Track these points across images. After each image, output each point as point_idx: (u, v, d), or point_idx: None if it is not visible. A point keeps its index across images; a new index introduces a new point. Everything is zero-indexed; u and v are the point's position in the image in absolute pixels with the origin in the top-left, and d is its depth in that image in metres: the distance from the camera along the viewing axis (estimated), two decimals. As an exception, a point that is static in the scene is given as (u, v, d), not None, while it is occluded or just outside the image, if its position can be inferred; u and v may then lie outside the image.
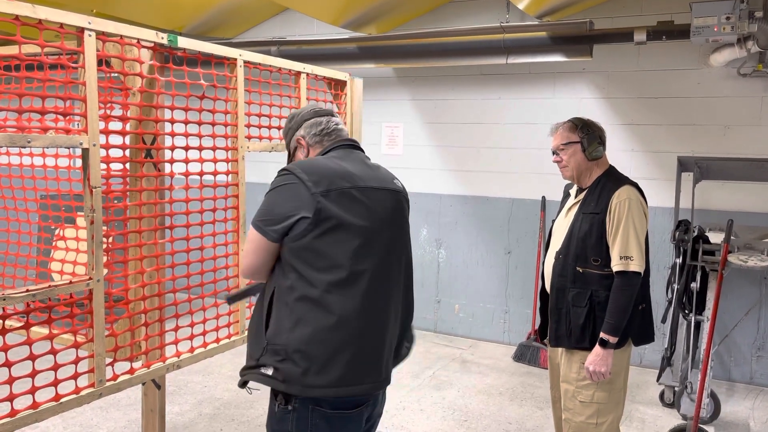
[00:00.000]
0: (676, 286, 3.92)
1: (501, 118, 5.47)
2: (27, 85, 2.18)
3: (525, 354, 5.11)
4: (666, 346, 4.10)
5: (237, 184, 2.82)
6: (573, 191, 2.77)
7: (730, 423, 4.03)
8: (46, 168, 3.23)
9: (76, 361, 2.22)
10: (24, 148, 2.06)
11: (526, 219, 5.41)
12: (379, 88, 5.86)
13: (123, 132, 2.35)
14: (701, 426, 3.49)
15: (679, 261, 3.90)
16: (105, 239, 2.27)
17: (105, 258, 2.26)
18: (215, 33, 6.17)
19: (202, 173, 2.68)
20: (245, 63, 2.81)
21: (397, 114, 5.89)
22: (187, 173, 2.63)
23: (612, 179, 2.62)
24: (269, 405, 1.89)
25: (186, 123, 2.57)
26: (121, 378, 2.34)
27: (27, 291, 2.02)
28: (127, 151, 2.39)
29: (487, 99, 5.51)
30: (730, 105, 4.69)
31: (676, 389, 4.11)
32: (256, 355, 1.82)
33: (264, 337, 1.80)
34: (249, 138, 2.90)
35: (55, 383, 2.13)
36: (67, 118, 2.29)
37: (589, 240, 2.54)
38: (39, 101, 2.08)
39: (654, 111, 4.93)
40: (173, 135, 2.52)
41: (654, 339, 2.72)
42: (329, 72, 3.42)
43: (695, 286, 3.83)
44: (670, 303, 4.00)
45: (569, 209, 2.71)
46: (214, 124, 2.71)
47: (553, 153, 2.70)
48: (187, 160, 2.61)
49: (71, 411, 2.64)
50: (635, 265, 2.47)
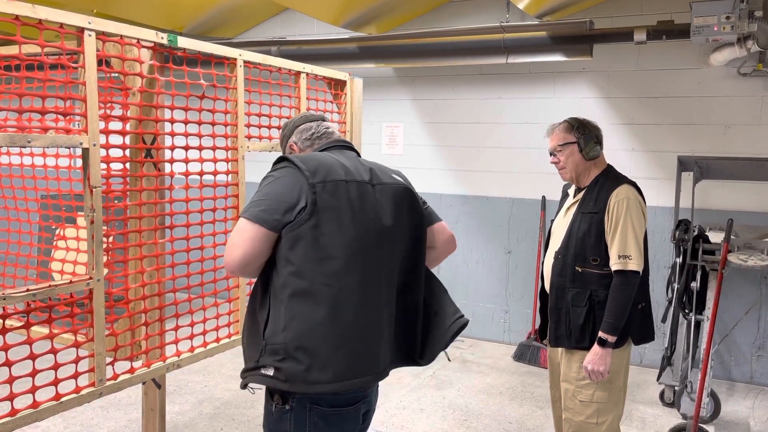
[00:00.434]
0: (676, 285, 3.92)
1: (501, 117, 5.47)
2: (27, 85, 2.18)
3: (525, 353, 5.12)
4: (666, 345, 4.10)
5: (237, 183, 2.83)
6: (571, 191, 2.77)
7: (730, 422, 4.03)
8: (46, 168, 3.24)
9: (76, 361, 2.22)
10: (24, 147, 2.07)
11: (526, 219, 5.41)
12: (379, 87, 5.86)
13: (123, 132, 2.35)
14: (701, 425, 3.49)
15: (679, 260, 3.90)
16: (105, 239, 2.27)
17: (105, 258, 2.26)
18: (216, 33, 6.18)
19: (202, 173, 2.68)
20: (245, 63, 2.81)
21: (397, 114, 5.89)
22: (187, 173, 2.63)
23: (610, 178, 2.62)
24: (265, 405, 1.86)
25: (186, 123, 2.57)
26: (122, 377, 2.35)
27: (27, 290, 2.03)
28: (127, 151, 2.40)
29: (487, 99, 5.51)
30: (730, 104, 4.69)
31: (676, 388, 4.11)
32: (255, 357, 1.79)
33: (262, 338, 1.78)
34: (249, 138, 2.91)
35: (56, 382, 2.14)
36: (68, 118, 2.30)
37: (588, 240, 2.54)
38: (39, 101, 2.09)
39: (654, 110, 4.93)
40: (173, 135, 2.52)
41: (654, 338, 2.72)
42: (329, 72, 3.42)
43: (695, 285, 3.83)
44: (670, 302, 4.00)
45: (568, 209, 2.71)
46: (214, 123, 2.71)
47: (551, 154, 2.70)
48: (187, 159, 2.61)
49: (72, 410, 2.64)
50: (634, 264, 2.47)
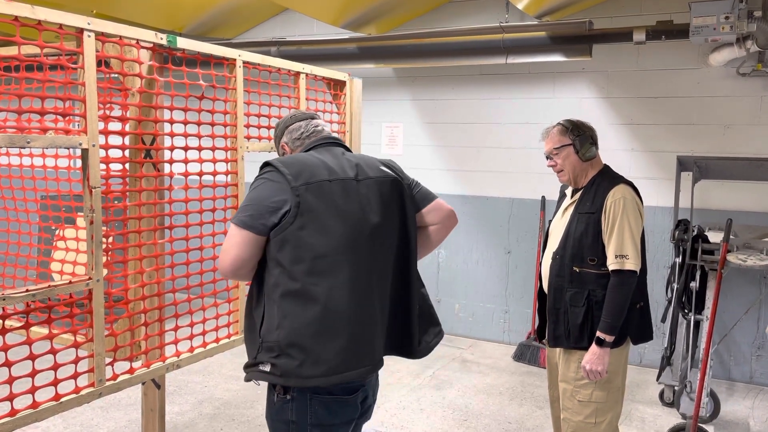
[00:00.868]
0: (675, 285, 3.92)
1: (501, 117, 5.47)
2: (26, 86, 2.18)
3: (525, 353, 5.12)
4: (666, 345, 4.10)
5: (236, 184, 2.83)
6: (569, 191, 2.77)
7: (729, 422, 4.03)
8: (45, 168, 3.24)
9: (75, 361, 2.23)
10: (24, 148, 2.07)
11: (526, 219, 5.41)
12: (379, 88, 5.86)
13: (122, 132, 2.35)
14: (701, 425, 3.49)
15: (679, 260, 3.91)
16: (105, 239, 2.27)
17: (105, 258, 2.27)
18: (215, 33, 6.18)
19: (201, 173, 2.68)
20: (244, 63, 2.82)
21: (397, 114, 5.89)
22: (187, 173, 2.64)
23: (607, 178, 2.62)
24: (267, 396, 1.92)
25: (185, 123, 2.58)
26: (121, 378, 2.35)
27: (27, 291, 2.03)
28: (127, 152, 2.40)
29: (487, 99, 5.51)
30: (729, 104, 4.69)
31: (675, 388, 4.11)
32: (253, 353, 1.87)
33: (258, 335, 1.85)
34: (248, 138, 2.91)
35: (55, 383, 2.14)
36: (67, 118, 2.30)
37: (586, 240, 2.55)
38: (38, 102, 2.09)
39: (653, 110, 4.93)
40: (172, 135, 2.52)
41: (652, 337, 2.72)
42: (328, 72, 3.42)
43: (695, 285, 3.84)
44: (669, 302, 4.01)
45: (565, 209, 2.71)
46: (213, 124, 2.72)
47: (547, 158, 2.71)
48: (187, 160, 2.62)
49: (71, 411, 2.65)
50: (631, 264, 2.47)
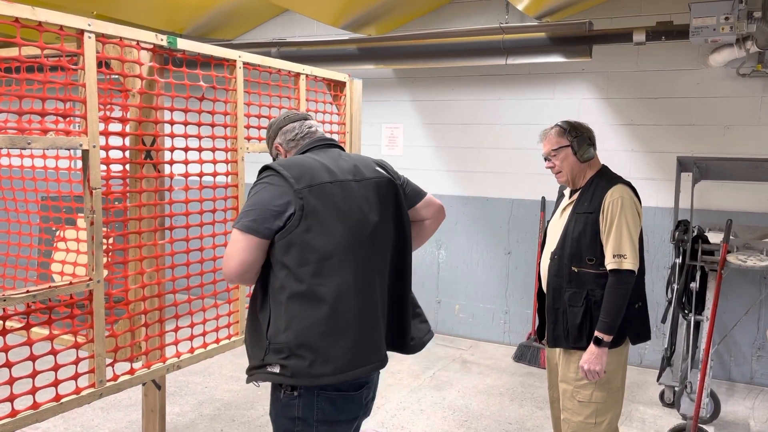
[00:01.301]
0: (675, 285, 3.92)
1: (501, 118, 5.47)
2: (27, 87, 2.18)
3: (525, 354, 5.12)
4: (666, 345, 4.10)
5: (236, 185, 2.84)
6: (567, 192, 2.78)
7: (730, 423, 4.03)
8: (46, 169, 3.24)
9: (76, 362, 2.23)
10: (24, 149, 2.08)
11: (525, 219, 5.41)
12: (379, 89, 5.87)
13: (123, 133, 2.36)
14: (701, 426, 3.49)
15: (679, 261, 3.91)
16: (105, 240, 2.28)
17: (105, 259, 2.27)
18: (216, 34, 6.19)
19: (201, 174, 2.69)
20: (245, 64, 2.82)
21: (397, 115, 5.89)
22: (187, 174, 2.64)
23: (605, 179, 2.63)
24: (272, 394, 1.92)
25: (185, 124, 2.58)
26: (122, 378, 2.35)
27: (27, 292, 2.03)
28: (127, 153, 2.40)
29: (487, 100, 5.51)
30: (729, 105, 4.70)
31: (676, 389, 4.11)
32: (260, 355, 1.87)
33: (265, 337, 1.85)
34: (248, 139, 2.91)
35: (56, 384, 2.15)
36: (67, 119, 2.30)
37: (584, 240, 2.55)
38: (39, 103, 2.09)
39: (653, 111, 4.93)
40: (173, 136, 2.53)
41: (651, 337, 2.73)
42: (328, 73, 3.43)
43: (695, 285, 3.84)
44: (669, 303, 4.01)
45: (563, 210, 2.71)
46: (213, 125, 2.72)
47: (545, 159, 2.72)
48: (187, 161, 2.62)
49: (72, 411, 2.65)
50: (629, 264, 2.47)
